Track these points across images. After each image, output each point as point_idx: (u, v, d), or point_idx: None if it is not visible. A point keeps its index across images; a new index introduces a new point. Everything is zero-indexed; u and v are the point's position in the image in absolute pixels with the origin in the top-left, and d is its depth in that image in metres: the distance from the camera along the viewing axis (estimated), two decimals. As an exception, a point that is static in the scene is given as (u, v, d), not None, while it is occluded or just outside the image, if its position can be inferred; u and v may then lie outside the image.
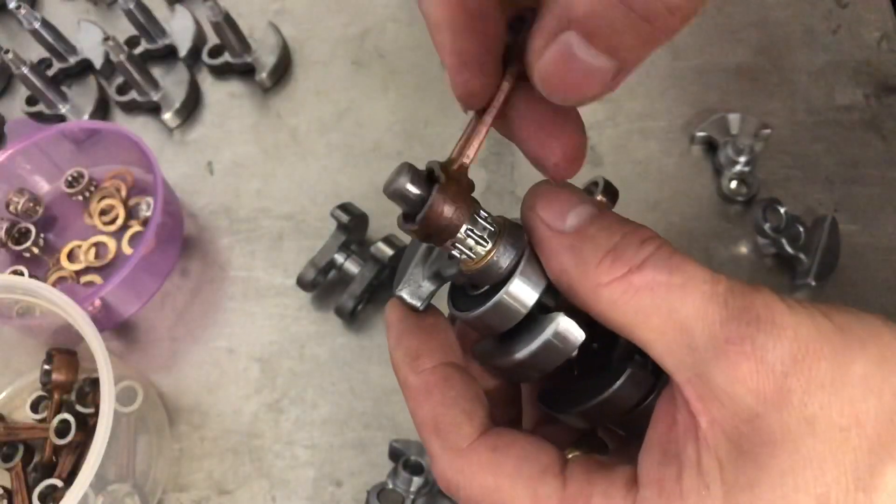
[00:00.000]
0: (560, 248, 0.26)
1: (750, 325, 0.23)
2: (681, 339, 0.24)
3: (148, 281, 0.61)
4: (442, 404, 0.27)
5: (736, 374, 0.23)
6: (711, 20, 0.67)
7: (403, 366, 0.29)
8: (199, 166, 0.67)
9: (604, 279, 0.25)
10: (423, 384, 0.28)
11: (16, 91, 0.75)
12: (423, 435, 0.28)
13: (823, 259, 0.54)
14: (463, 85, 0.28)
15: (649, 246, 0.25)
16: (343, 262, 0.58)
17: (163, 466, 0.54)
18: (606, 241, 0.25)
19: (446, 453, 0.27)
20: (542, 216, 0.26)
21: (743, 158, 0.58)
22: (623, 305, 0.24)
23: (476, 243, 0.27)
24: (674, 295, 0.24)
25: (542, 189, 0.27)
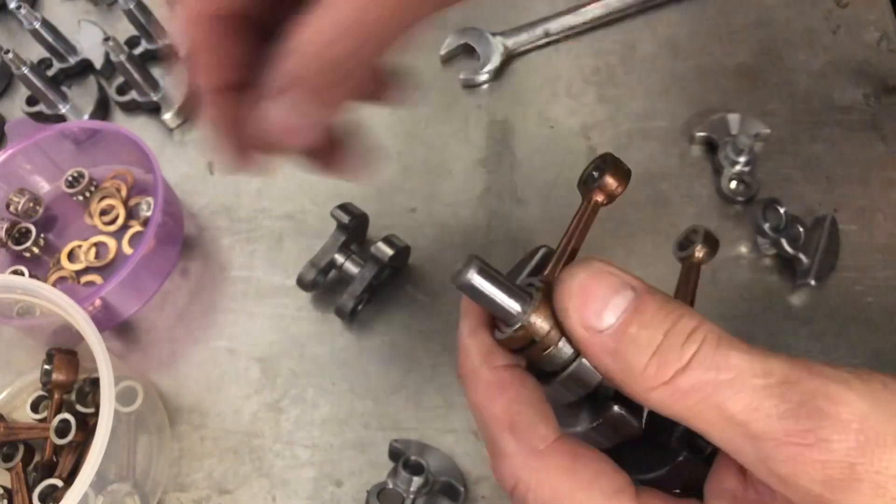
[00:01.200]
0: (601, 352, 0.25)
1: (812, 418, 0.23)
2: (736, 430, 0.24)
3: (148, 281, 0.61)
4: (518, 402, 0.27)
5: (799, 466, 0.23)
6: (711, 20, 0.67)
7: (476, 357, 0.28)
8: (199, 166, 0.67)
9: (650, 384, 0.24)
10: (497, 379, 0.27)
11: (16, 91, 0.75)
12: (493, 431, 0.27)
13: (823, 259, 0.54)
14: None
15: (693, 343, 0.24)
16: (343, 262, 0.58)
17: (163, 466, 0.54)
18: (648, 344, 0.24)
19: (522, 452, 0.26)
20: (580, 320, 0.25)
21: (743, 158, 0.58)
22: (673, 405, 0.24)
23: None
24: (723, 393, 0.23)
25: (573, 286, 0.26)
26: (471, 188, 0.62)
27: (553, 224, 0.60)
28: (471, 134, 0.65)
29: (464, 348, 0.28)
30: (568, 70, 0.67)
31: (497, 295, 0.26)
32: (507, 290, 0.26)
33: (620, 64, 0.67)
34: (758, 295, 0.55)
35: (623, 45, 0.67)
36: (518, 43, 0.68)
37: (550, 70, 0.67)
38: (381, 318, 0.58)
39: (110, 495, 0.49)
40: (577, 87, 0.66)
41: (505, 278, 0.26)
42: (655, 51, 0.67)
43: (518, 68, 0.68)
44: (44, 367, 0.54)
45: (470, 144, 0.64)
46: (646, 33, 0.68)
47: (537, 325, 0.26)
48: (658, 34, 0.67)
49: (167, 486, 0.54)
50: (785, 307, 0.55)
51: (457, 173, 0.63)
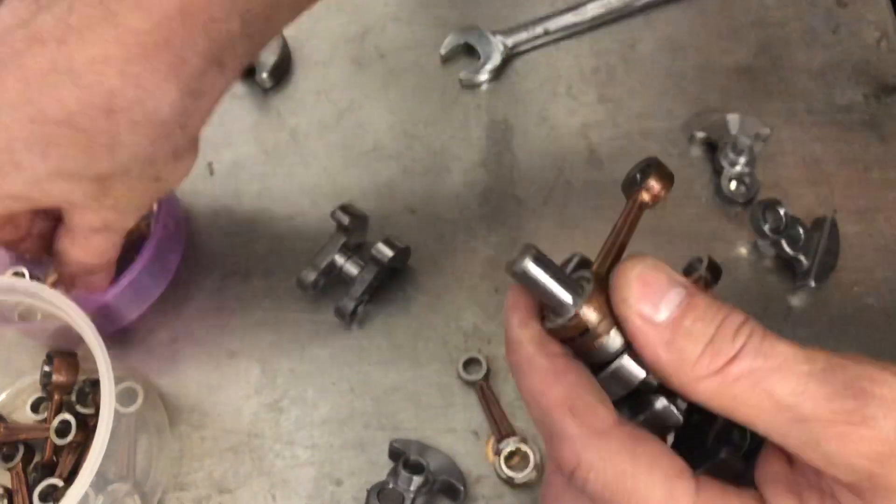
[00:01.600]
0: (656, 342, 0.26)
1: (857, 398, 0.24)
2: (783, 415, 0.25)
3: (150, 286, 0.60)
4: (577, 385, 0.27)
5: (848, 445, 0.24)
6: (711, 20, 0.67)
7: (530, 345, 0.28)
8: (199, 167, 0.67)
9: (702, 373, 0.25)
10: (553, 366, 0.27)
11: (16, 91, 0.74)
12: (552, 415, 0.27)
13: (823, 260, 0.54)
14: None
15: (742, 335, 0.25)
16: (343, 263, 0.58)
17: (163, 466, 0.55)
18: (703, 335, 0.25)
19: (584, 433, 0.26)
20: (637, 309, 0.26)
21: (742, 158, 0.58)
22: (722, 395, 0.25)
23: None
24: (771, 378, 0.25)
25: (632, 277, 0.27)
26: (471, 188, 0.62)
27: (553, 224, 0.60)
28: (471, 134, 0.65)
29: (515, 339, 0.29)
30: (568, 70, 0.67)
31: (552, 283, 0.26)
32: (561, 280, 0.27)
33: (620, 63, 0.67)
34: (758, 296, 0.56)
35: (623, 45, 0.67)
36: (518, 42, 0.68)
37: (550, 70, 0.67)
38: (381, 319, 0.58)
39: (110, 495, 0.49)
40: (577, 87, 0.66)
41: (559, 268, 0.27)
42: (655, 50, 0.67)
43: (518, 68, 0.68)
44: (44, 368, 0.54)
45: (470, 144, 0.64)
46: (646, 33, 0.68)
47: (589, 314, 0.27)
48: (658, 34, 0.67)
49: (167, 486, 0.54)
50: (785, 308, 0.55)
51: (457, 173, 0.63)
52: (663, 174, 0.31)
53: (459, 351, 0.56)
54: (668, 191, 0.31)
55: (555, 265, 0.27)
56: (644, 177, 0.31)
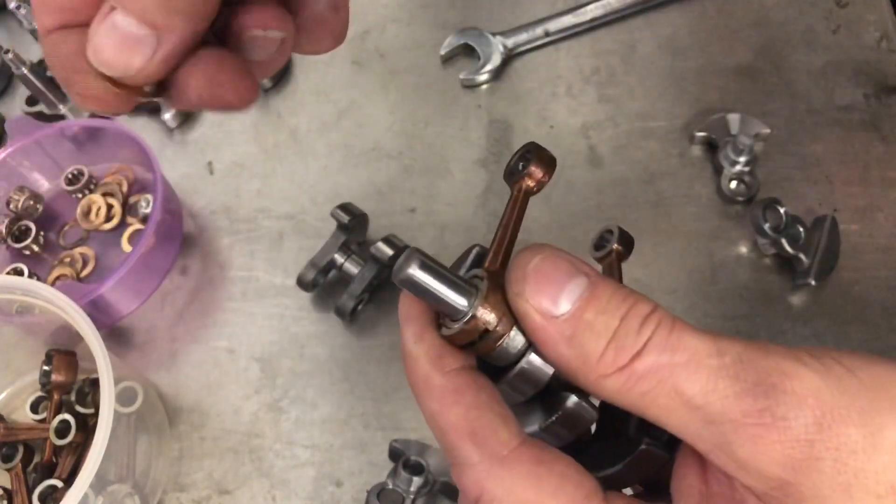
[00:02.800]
0: (557, 338, 0.24)
1: (768, 396, 0.22)
2: (693, 415, 0.23)
3: (147, 279, 0.61)
4: (476, 407, 0.25)
5: (757, 446, 0.22)
6: (711, 20, 0.67)
7: (426, 364, 0.26)
8: (199, 166, 0.67)
9: (606, 371, 0.24)
10: (451, 385, 0.25)
11: (16, 91, 0.74)
12: (451, 440, 0.25)
13: (823, 259, 0.54)
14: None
15: (649, 327, 0.24)
16: (343, 262, 0.58)
17: (163, 466, 0.54)
18: (606, 329, 0.24)
19: (485, 461, 0.24)
20: (534, 305, 0.24)
21: (743, 158, 0.58)
22: (628, 392, 0.24)
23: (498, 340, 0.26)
24: (679, 375, 0.23)
25: (529, 270, 0.25)
26: (471, 188, 0.62)
27: (553, 223, 0.60)
28: (471, 134, 0.65)
29: (411, 356, 0.26)
30: (568, 70, 0.67)
31: (441, 288, 0.25)
32: (451, 283, 0.25)
33: (620, 64, 0.67)
34: (758, 295, 0.55)
35: (623, 45, 0.67)
36: (518, 43, 0.68)
37: (550, 70, 0.67)
38: (381, 318, 0.58)
39: (110, 496, 0.49)
40: (577, 87, 0.66)
41: (448, 270, 0.25)
42: (655, 51, 0.67)
43: (518, 68, 0.68)
44: (43, 367, 0.54)
45: (470, 144, 0.64)
46: (646, 33, 0.68)
47: (486, 315, 0.25)
48: (658, 34, 0.67)
49: (167, 486, 0.54)
50: (785, 307, 0.55)
51: (457, 173, 0.63)
52: (544, 158, 0.29)
53: (459, 351, 0.56)
54: (550, 175, 0.29)
55: (443, 268, 0.25)
56: (525, 164, 0.29)
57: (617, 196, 0.61)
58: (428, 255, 0.25)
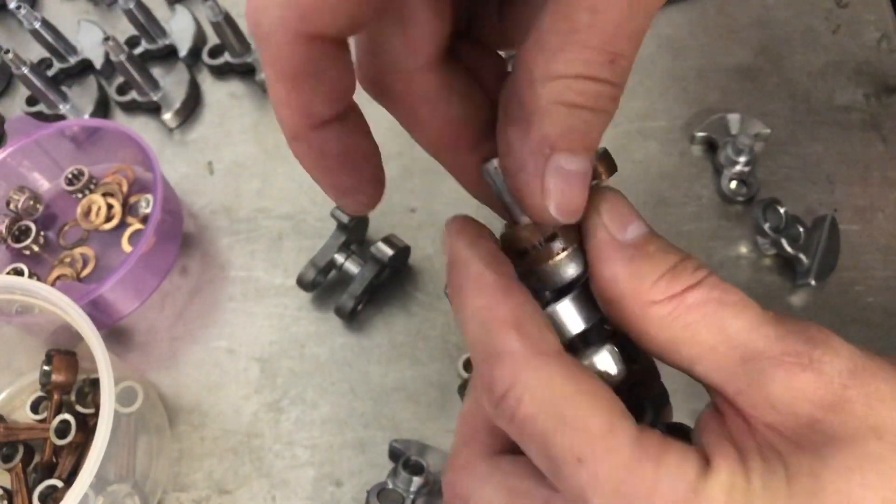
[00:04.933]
0: (618, 256, 0.25)
1: (807, 342, 0.24)
2: (732, 352, 0.24)
3: (147, 278, 0.61)
4: (526, 305, 0.25)
5: (793, 383, 0.23)
6: (711, 20, 0.67)
7: (479, 264, 0.26)
8: (199, 166, 0.67)
9: (658, 296, 0.25)
10: (504, 283, 0.25)
11: (16, 91, 0.75)
12: (494, 330, 0.24)
13: (823, 259, 0.54)
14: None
15: (703, 271, 0.25)
16: (343, 262, 0.58)
17: (163, 466, 0.54)
18: (664, 262, 0.25)
19: (526, 350, 0.24)
20: (606, 221, 0.26)
21: (743, 158, 0.58)
22: (672, 322, 0.25)
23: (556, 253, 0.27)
24: (727, 311, 0.24)
25: (607, 194, 0.27)
26: (471, 188, 0.62)
27: (553, 224, 0.60)
28: (471, 134, 0.65)
29: (462, 259, 0.26)
30: (568, 70, 0.67)
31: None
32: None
33: (620, 64, 0.66)
34: (758, 295, 0.55)
35: (623, 45, 0.67)
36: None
37: (550, 70, 0.67)
38: (381, 318, 0.58)
39: (110, 496, 0.49)
40: (577, 87, 0.66)
41: None
42: (656, 51, 0.67)
43: (518, 68, 0.68)
44: (43, 367, 0.54)
45: (470, 144, 0.64)
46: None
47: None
48: (658, 34, 0.67)
49: (167, 486, 0.54)
50: (785, 307, 0.55)
51: (457, 173, 0.63)
52: (609, 164, 0.30)
53: (459, 350, 0.56)
54: (609, 175, 0.30)
55: None
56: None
57: (617, 196, 0.61)
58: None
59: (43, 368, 0.54)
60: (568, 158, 0.25)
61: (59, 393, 0.54)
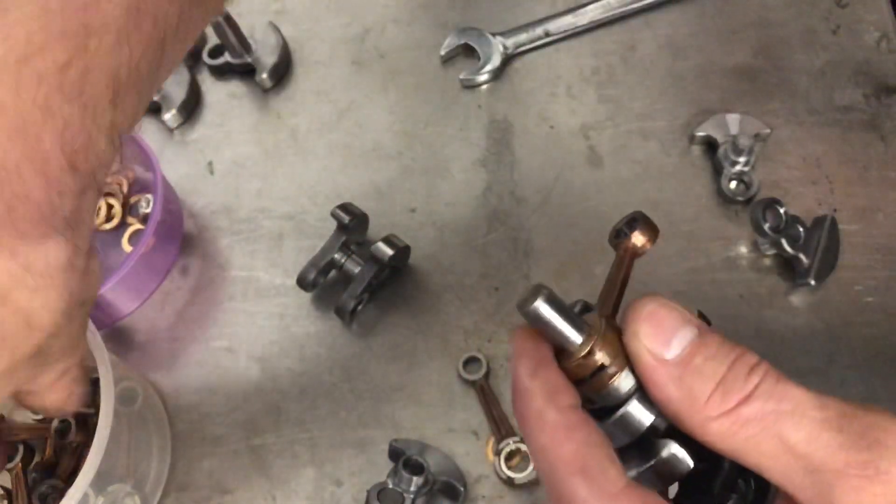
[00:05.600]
0: (667, 379, 0.26)
1: (871, 449, 0.23)
2: (796, 463, 0.24)
3: (147, 279, 0.61)
4: (587, 445, 0.26)
5: (861, 498, 0.23)
6: (711, 20, 0.67)
7: (540, 398, 0.27)
8: (199, 166, 0.67)
9: (713, 413, 0.25)
10: (565, 421, 0.26)
11: (16, 91, 0.74)
12: (560, 475, 0.26)
13: (823, 259, 0.54)
14: None
15: (756, 375, 0.25)
16: (343, 261, 0.58)
17: (163, 466, 0.54)
18: (714, 374, 0.25)
19: (594, 497, 0.25)
20: (648, 345, 0.26)
21: (743, 158, 0.58)
22: (732, 436, 0.25)
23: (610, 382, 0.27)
24: (784, 423, 0.24)
25: (644, 314, 0.26)
26: (471, 188, 0.62)
27: (553, 224, 0.60)
28: (471, 134, 0.65)
29: (525, 390, 0.27)
30: (568, 70, 0.67)
31: (563, 323, 0.27)
32: (572, 319, 0.27)
33: (620, 64, 0.67)
34: (758, 295, 0.56)
35: (623, 45, 0.67)
36: (518, 43, 0.68)
37: (550, 70, 0.67)
38: (381, 318, 0.58)
39: (111, 495, 0.49)
40: (577, 87, 0.66)
41: (569, 307, 0.27)
42: (655, 51, 0.67)
43: (518, 68, 0.68)
44: None
45: (470, 144, 0.64)
46: (646, 33, 0.68)
47: (601, 352, 0.27)
48: (658, 34, 0.67)
49: (167, 486, 0.54)
50: (785, 307, 0.55)
51: (457, 173, 0.63)
52: (649, 226, 0.31)
53: (459, 350, 0.56)
54: (653, 242, 0.31)
55: (565, 304, 0.27)
56: (630, 230, 0.31)
57: (617, 196, 0.61)
58: (552, 291, 0.27)
59: None
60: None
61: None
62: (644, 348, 0.26)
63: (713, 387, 0.25)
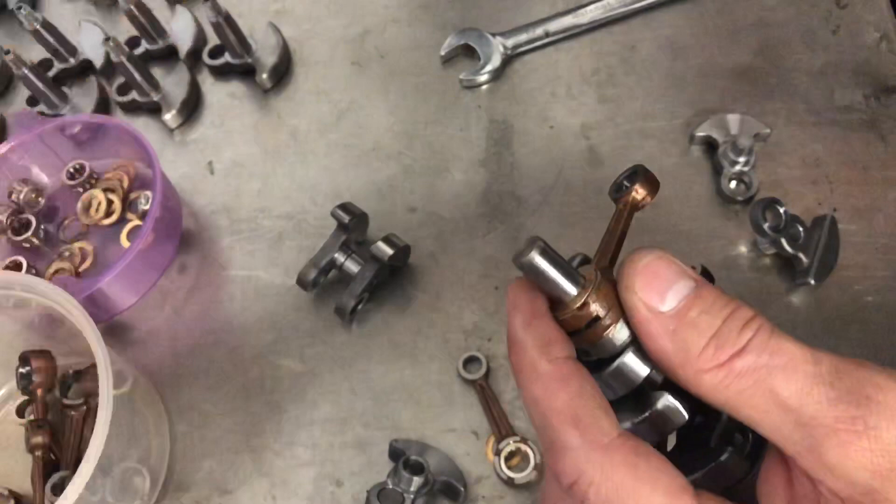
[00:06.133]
0: (661, 331, 0.26)
1: (860, 405, 0.23)
2: (787, 417, 0.24)
3: (146, 274, 0.61)
4: (580, 395, 0.26)
5: (848, 452, 0.23)
6: (711, 20, 0.67)
7: (533, 350, 0.27)
8: (199, 166, 0.67)
9: (706, 366, 0.25)
10: (558, 372, 0.26)
11: (16, 91, 0.75)
12: (553, 424, 0.26)
13: (823, 258, 0.54)
14: None
15: (750, 329, 0.25)
16: (343, 261, 0.58)
17: (163, 440, 0.55)
18: (708, 327, 0.25)
19: (585, 445, 0.25)
20: (643, 298, 0.26)
21: (742, 158, 0.58)
22: (724, 389, 0.25)
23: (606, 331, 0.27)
24: (776, 377, 0.24)
25: (639, 266, 0.27)
26: (471, 188, 0.62)
27: (553, 223, 0.60)
28: (471, 134, 0.65)
29: (518, 341, 0.28)
30: (568, 70, 0.67)
31: (558, 275, 0.27)
32: (567, 271, 0.27)
33: (620, 64, 0.67)
34: (757, 294, 0.55)
35: (623, 46, 0.67)
36: (518, 43, 0.68)
37: (550, 70, 0.67)
38: (381, 318, 0.58)
39: (118, 475, 0.49)
40: (577, 87, 0.66)
41: (565, 260, 0.27)
42: (655, 51, 0.67)
43: (518, 68, 0.68)
44: (19, 371, 0.54)
45: (470, 144, 0.64)
46: (646, 33, 0.68)
47: (597, 303, 0.27)
48: (658, 34, 0.67)
49: (167, 486, 0.54)
50: (784, 306, 0.55)
51: (457, 173, 0.63)
52: (649, 180, 0.31)
53: (459, 349, 0.56)
54: (653, 196, 0.31)
55: (560, 257, 0.27)
56: (631, 183, 0.31)
57: (617, 196, 0.61)
58: (547, 244, 0.27)
59: (20, 372, 0.54)
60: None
61: (42, 391, 0.54)
62: (639, 300, 0.26)
63: (707, 340, 0.25)
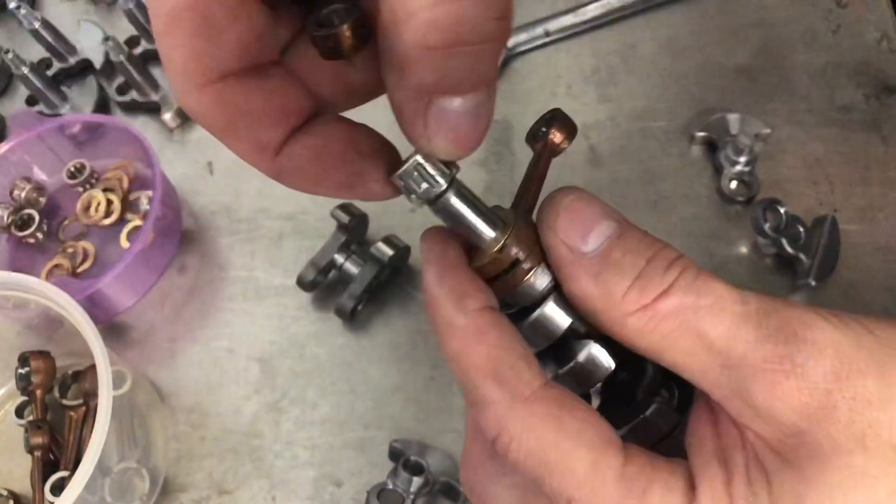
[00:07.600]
0: (583, 274, 0.24)
1: (788, 343, 0.23)
2: (713, 359, 0.23)
3: (145, 274, 0.61)
4: (499, 347, 0.25)
5: (776, 392, 0.22)
6: (711, 20, 0.67)
7: (447, 304, 0.26)
8: (199, 166, 0.67)
9: (630, 308, 0.24)
10: (474, 325, 0.25)
11: (16, 91, 0.74)
12: (472, 379, 0.25)
13: (823, 259, 0.54)
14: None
15: (675, 269, 0.24)
16: (343, 262, 0.58)
17: (162, 444, 0.55)
18: (631, 269, 0.24)
19: (506, 399, 0.24)
20: (564, 239, 0.25)
21: (743, 158, 0.58)
22: (650, 332, 0.24)
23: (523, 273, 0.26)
24: (702, 318, 0.23)
25: (561, 206, 0.25)
26: (471, 188, 0.62)
27: (553, 224, 0.60)
28: (471, 134, 0.65)
29: (434, 297, 0.26)
30: (568, 70, 0.67)
31: (475, 218, 0.25)
32: (484, 214, 0.26)
33: (620, 64, 0.67)
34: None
35: (623, 45, 0.67)
36: (518, 43, 0.68)
37: (550, 70, 0.67)
38: (381, 318, 0.58)
39: (118, 476, 0.49)
40: (577, 87, 0.66)
41: (482, 202, 0.26)
42: (655, 51, 0.67)
43: (518, 68, 0.68)
44: (18, 371, 0.54)
45: (470, 144, 0.64)
46: (646, 33, 0.68)
47: (516, 246, 0.26)
48: (658, 34, 0.67)
49: (167, 486, 0.54)
50: (785, 307, 0.55)
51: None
52: (566, 125, 0.30)
53: (459, 350, 0.56)
54: (570, 141, 0.29)
55: (476, 198, 0.26)
56: (548, 128, 0.30)
57: (617, 196, 0.61)
58: (464, 185, 0.25)
59: (19, 372, 0.54)
60: (451, 100, 0.22)
61: (42, 391, 0.54)
62: (560, 241, 0.25)
63: (631, 281, 0.24)
